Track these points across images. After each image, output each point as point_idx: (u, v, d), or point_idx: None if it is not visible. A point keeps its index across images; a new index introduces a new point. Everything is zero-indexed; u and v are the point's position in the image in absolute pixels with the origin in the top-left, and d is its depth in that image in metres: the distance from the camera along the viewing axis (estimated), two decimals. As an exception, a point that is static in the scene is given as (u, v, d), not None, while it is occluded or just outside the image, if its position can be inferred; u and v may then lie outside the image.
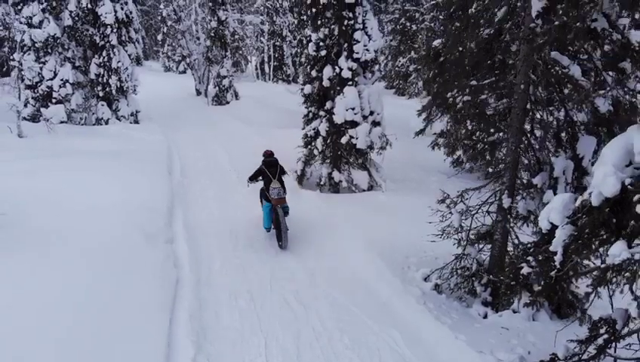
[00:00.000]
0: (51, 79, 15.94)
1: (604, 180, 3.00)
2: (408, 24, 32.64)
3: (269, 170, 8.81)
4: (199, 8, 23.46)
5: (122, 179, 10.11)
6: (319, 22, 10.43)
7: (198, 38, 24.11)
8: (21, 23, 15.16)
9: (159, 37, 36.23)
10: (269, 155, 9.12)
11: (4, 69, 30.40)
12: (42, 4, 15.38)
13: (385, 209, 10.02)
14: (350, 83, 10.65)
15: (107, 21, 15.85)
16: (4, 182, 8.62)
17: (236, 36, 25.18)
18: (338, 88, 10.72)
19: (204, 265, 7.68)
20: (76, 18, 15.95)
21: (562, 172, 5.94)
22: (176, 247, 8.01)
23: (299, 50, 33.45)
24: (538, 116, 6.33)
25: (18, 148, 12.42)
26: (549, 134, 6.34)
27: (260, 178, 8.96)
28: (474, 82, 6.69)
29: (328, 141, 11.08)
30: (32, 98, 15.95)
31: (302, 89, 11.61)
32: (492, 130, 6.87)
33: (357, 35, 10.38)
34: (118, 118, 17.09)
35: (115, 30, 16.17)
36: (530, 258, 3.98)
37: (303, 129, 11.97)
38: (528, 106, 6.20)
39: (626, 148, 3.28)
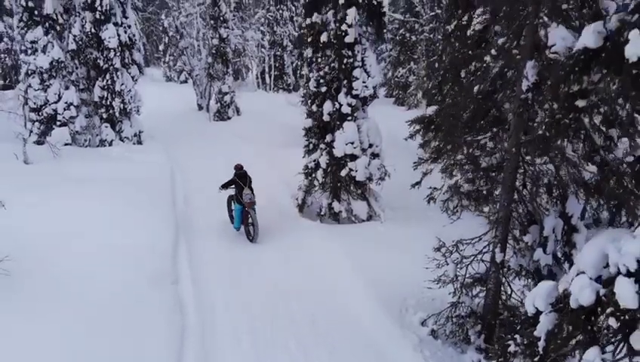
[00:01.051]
0: (56, 102, 16.21)
1: (581, 292, 3.28)
2: (408, 35, 32.96)
3: (241, 180, 10.62)
4: (201, 22, 23.71)
5: (127, 213, 10.39)
6: (320, 60, 10.70)
7: (200, 52, 24.37)
8: (27, 54, 15.46)
9: (161, 47, 36.45)
10: (239, 169, 10.95)
11: (7, 81, 30.79)
12: (48, 34, 15.62)
13: (384, 242, 10.28)
14: (349, 118, 10.93)
15: (111, 45, 16.11)
16: (11, 219, 8.81)
17: (236, 47, 25.39)
18: (338, 123, 11.00)
19: (207, 305, 7.95)
20: (80, 42, 16.20)
21: (552, 230, 6.21)
22: (181, 289, 8.28)
23: (299, 63, 33.68)
24: (530, 170, 6.60)
25: (24, 175, 12.69)
26: (540, 189, 6.62)
27: (232, 186, 10.72)
28: (469, 138, 6.98)
29: (328, 172, 11.36)
30: (37, 121, 16.22)
31: (302, 101, 11.91)
32: (486, 184, 7.15)
33: (356, 72, 10.65)
34: (121, 139, 17.36)
35: (118, 54, 16.43)
36: (517, 336, 4.26)
37: (304, 157, 12.25)
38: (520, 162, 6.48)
39: (602, 252, 3.57)
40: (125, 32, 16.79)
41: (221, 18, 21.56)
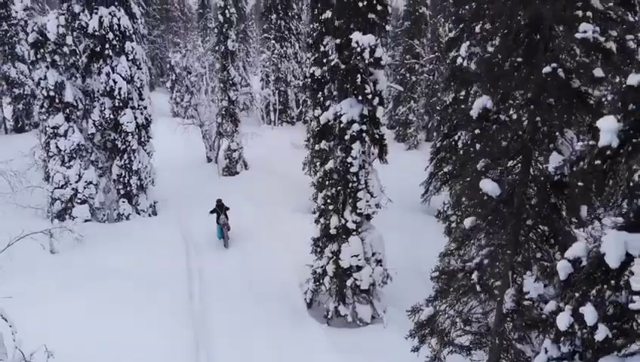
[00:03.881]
0: (76, 182, 17.23)
1: None
2: (408, 75, 33.89)
3: (220, 209, 16.64)
4: (210, 81, 24.74)
5: (150, 325, 11.45)
6: (327, 183, 11.70)
7: (210, 106, 25.36)
8: (50, 137, 16.47)
9: (168, 84, 37.39)
10: (219, 202, 16.87)
11: (19, 125, 31.80)
12: (69, 120, 16.63)
13: (386, 357, 11.25)
14: (354, 233, 11.93)
15: (128, 129, 17.11)
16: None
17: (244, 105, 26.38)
18: (343, 237, 12.00)
19: None
20: (99, 126, 17.21)
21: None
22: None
23: (304, 110, 34.53)
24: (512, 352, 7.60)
25: (53, 274, 13.72)
26: None
27: (215, 212, 16.67)
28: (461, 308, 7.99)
29: (335, 280, 12.38)
30: (58, 199, 17.24)
31: (305, 143, 12.79)
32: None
33: (360, 194, 11.63)
34: (137, 212, 18.38)
35: (135, 136, 17.43)
36: None
37: (311, 253, 13.26)
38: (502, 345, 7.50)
39: None
40: (142, 114, 17.78)
41: (230, 81, 22.54)
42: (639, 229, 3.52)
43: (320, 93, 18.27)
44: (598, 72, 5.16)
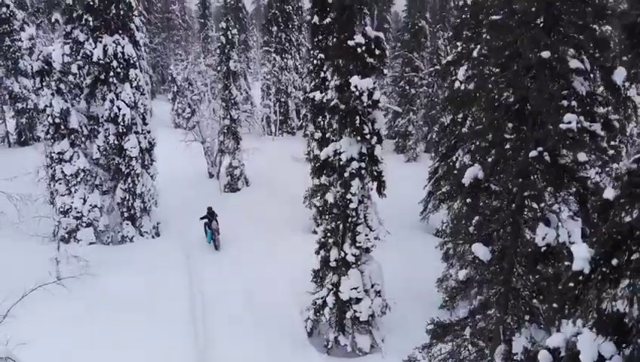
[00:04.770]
0: (81, 206, 17.54)
1: None
2: (407, 87, 34.19)
3: (211, 216, 18.65)
4: (211, 98, 25.10)
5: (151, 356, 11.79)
6: (327, 216, 12.02)
7: (212, 124, 25.70)
8: (55, 162, 16.81)
9: (169, 95, 37.75)
10: (210, 209, 18.90)
11: (23, 139, 32.09)
12: (74, 146, 16.95)
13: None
14: (354, 266, 12.25)
15: (132, 154, 17.41)
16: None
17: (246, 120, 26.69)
18: (343, 269, 12.32)
19: None
20: (104, 152, 17.53)
21: None
22: None
23: (305, 123, 34.88)
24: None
25: (56, 299, 13.96)
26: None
27: (206, 219, 18.68)
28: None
29: (335, 311, 12.71)
30: (65, 223, 17.57)
31: (306, 157, 13.30)
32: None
33: (359, 228, 11.95)
34: (141, 234, 18.69)
35: (139, 160, 17.74)
36: None
37: (312, 281, 13.59)
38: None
39: None
40: (145, 138, 18.09)
41: (232, 101, 22.88)
42: (610, 334, 3.83)
43: (320, 117, 18.64)
44: (582, 157, 5.48)
